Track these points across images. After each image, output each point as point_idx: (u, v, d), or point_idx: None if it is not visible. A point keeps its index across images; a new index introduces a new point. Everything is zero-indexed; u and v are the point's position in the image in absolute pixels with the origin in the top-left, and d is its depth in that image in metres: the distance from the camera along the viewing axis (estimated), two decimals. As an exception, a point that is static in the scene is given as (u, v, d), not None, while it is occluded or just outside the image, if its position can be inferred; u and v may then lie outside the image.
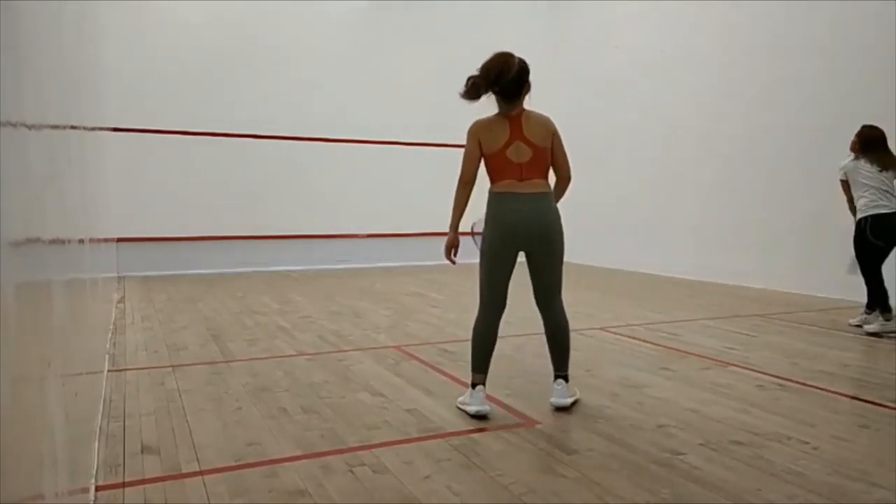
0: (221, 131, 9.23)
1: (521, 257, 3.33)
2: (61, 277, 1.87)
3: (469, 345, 3.38)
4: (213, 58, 9.12)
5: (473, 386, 3.27)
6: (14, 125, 1.16)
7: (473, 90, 3.24)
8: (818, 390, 3.71)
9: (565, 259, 3.40)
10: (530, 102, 3.40)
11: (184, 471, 2.57)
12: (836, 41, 7.04)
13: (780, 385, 3.81)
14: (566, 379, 3.38)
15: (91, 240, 3.52)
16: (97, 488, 2.42)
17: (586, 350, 4.59)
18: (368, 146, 10.08)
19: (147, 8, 8.77)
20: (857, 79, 6.86)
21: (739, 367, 4.22)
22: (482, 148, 3.33)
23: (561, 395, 3.33)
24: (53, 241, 1.70)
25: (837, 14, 7.03)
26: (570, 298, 3.94)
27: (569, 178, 3.42)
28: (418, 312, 6.15)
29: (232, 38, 9.25)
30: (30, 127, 1.35)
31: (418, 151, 10.36)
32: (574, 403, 3.39)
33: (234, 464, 2.63)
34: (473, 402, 3.23)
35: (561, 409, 3.32)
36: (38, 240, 1.41)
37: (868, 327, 5.25)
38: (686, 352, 4.62)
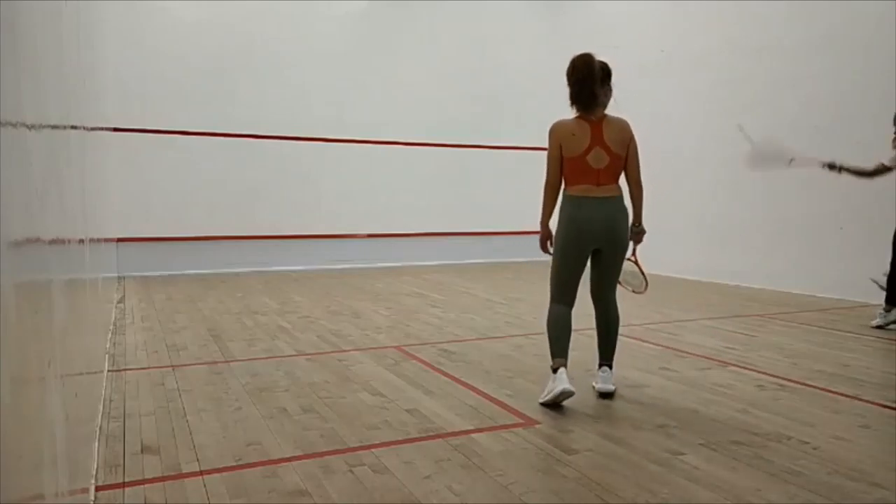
0: (221, 131, 9.23)
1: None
2: (61, 277, 1.87)
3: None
4: (213, 58, 9.11)
5: (555, 370, 3.37)
6: (14, 125, 1.15)
7: (586, 99, 3.31)
8: (818, 390, 3.71)
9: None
10: (615, 106, 3.41)
11: (184, 471, 2.57)
12: (836, 41, 7.04)
13: (780, 385, 3.81)
14: (610, 367, 3.58)
15: (91, 240, 3.52)
16: (97, 488, 2.42)
17: (586, 350, 4.59)
18: (368, 146, 10.08)
19: (147, 8, 8.77)
20: (857, 79, 6.86)
21: (739, 367, 4.22)
22: (563, 151, 3.36)
23: (606, 380, 3.53)
24: (53, 241, 1.70)
25: (837, 14, 7.03)
26: (570, 298, 3.93)
27: (639, 182, 3.50)
28: (418, 312, 6.15)
29: (232, 38, 9.25)
30: (30, 127, 1.35)
31: (418, 151, 10.36)
32: (613, 393, 3.55)
33: (234, 464, 2.64)
34: (557, 383, 3.30)
35: (605, 396, 3.51)
36: (38, 240, 1.41)
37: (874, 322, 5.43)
38: (686, 352, 4.63)
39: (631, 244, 3.63)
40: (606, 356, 3.59)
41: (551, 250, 3.53)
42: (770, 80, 7.76)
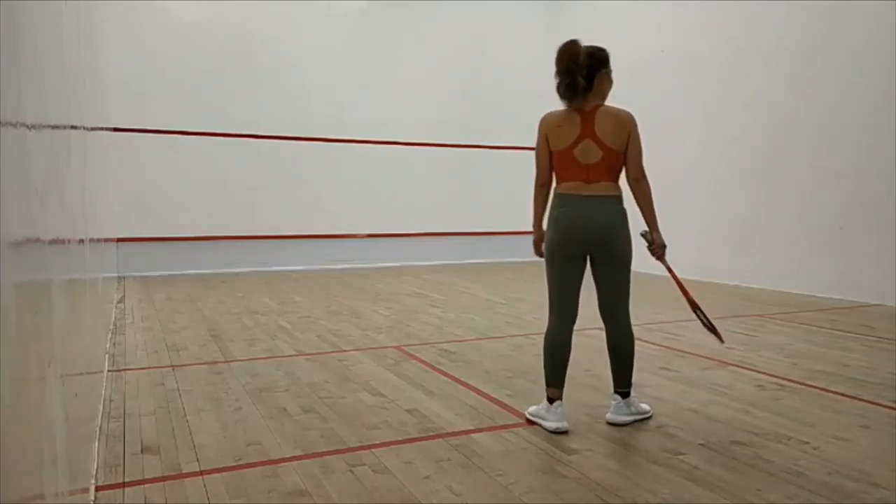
0: (221, 131, 9.23)
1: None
2: (61, 277, 1.87)
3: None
4: (213, 58, 9.12)
5: (550, 401, 3.06)
6: (14, 125, 1.15)
7: (565, 90, 2.96)
8: (818, 390, 3.71)
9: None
10: (613, 97, 3.10)
11: (184, 471, 2.57)
12: (836, 41, 7.04)
13: (780, 385, 3.81)
14: (625, 395, 3.14)
15: (91, 240, 3.52)
16: (97, 488, 2.42)
17: (586, 350, 4.58)
18: (368, 146, 10.09)
19: (147, 8, 8.77)
20: (857, 79, 6.86)
21: (739, 367, 4.22)
22: (550, 144, 3.07)
23: (616, 411, 3.11)
24: (53, 241, 1.70)
25: (837, 14, 7.03)
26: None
27: (638, 179, 3.09)
28: (418, 312, 6.15)
29: (232, 38, 9.26)
30: (30, 127, 1.35)
31: (418, 151, 10.36)
32: (645, 419, 3.17)
33: (234, 464, 2.64)
34: (551, 417, 3.02)
35: (615, 426, 3.09)
36: (38, 240, 1.41)
37: None
38: (686, 352, 4.62)
39: (655, 259, 3.29)
40: (617, 382, 3.16)
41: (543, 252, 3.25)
42: (770, 80, 7.75)
